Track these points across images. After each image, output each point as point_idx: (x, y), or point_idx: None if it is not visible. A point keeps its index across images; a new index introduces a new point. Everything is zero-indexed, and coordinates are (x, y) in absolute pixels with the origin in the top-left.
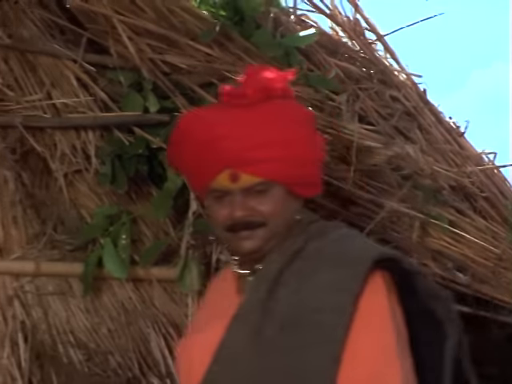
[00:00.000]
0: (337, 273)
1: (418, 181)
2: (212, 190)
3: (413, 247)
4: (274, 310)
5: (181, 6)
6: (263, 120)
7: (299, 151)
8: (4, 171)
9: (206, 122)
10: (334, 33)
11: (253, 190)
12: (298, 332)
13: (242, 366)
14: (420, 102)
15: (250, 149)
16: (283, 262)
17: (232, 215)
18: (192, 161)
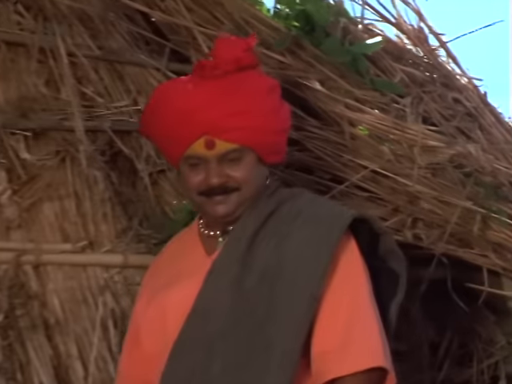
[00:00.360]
0: (315, 229)
1: (479, 178)
2: (187, 156)
3: (474, 240)
4: (252, 264)
5: (256, 18)
6: (236, 90)
7: (269, 120)
8: (94, 172)
9: (183, 93)
10: (399, 40)
11: (227, 157)
12: (278, 281)
13: (222, 315)
14: (481, 104)
15: (225, 117)
16: (258, 222)
17: (208, 182)
18: (168, 129)
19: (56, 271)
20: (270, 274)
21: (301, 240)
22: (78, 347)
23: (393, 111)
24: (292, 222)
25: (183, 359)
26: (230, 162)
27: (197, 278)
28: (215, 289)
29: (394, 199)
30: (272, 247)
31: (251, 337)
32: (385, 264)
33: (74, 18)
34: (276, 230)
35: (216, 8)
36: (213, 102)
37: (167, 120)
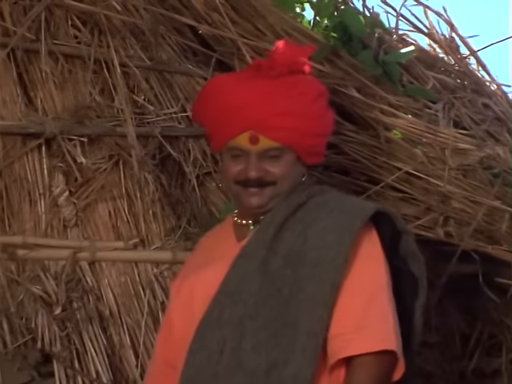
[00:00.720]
0: (338, 219)
1: (507, 178)
2: (231, 147)
3: (502, 237)
4: (277, 248)
5: (297, 29)
6: (286, 92)
7: (313, 124)
8: (145, 174)
9: (236, 87)
10: (431, 49)
11: (267, 154)
12: (301, 265)
13: (250, 297)
14: (509, 109)
15: (272, 116)
16: (288, 211)
17: (246, 174)
18: (217, 119)
19: (110, 267)
20: (294, 258)
21: (324, 227)
22: (131, 337)
23: (425, 116)
24: (318, 212)
25: (212, 336)
26: (270, 159)
27: (225, 262)
28: (243, 272)
29: (426, 199)
30: (297, 233)
31: (278, 317)
32: (405, 265)
33: (126, 31)
34: (303, 218)
35: (259, 20)
36: (263, 100)
37: (218, 110)
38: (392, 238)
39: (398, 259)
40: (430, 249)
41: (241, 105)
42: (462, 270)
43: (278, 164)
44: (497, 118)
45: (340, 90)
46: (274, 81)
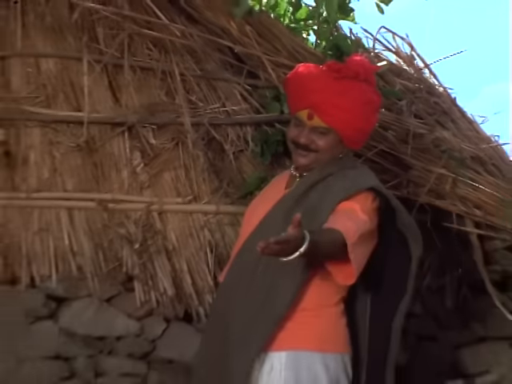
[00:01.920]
0: (346, 186)
1: (451, 153)
2: (295, 116)
3: (447, 194)
4: (302, 202)
5: (303, 48)
6: (345, 91)
7: (357, 121)
8: (197, 151)
9: (312, 76)
10: (397, 63)
11: (317, 129)
12: (313, 215)
13: (272, 232)
14: (452, 105)
15: (328, 104)
16: (320, 177)
17: (298, 139)
18: (294, 93)
19: (173, 216)
20: (310, 210)
21: (334, 189)
22: (188, 265)
23: (394, 110)
24: (339, 180)
25: (246, 257)
26: (319, 133)
27: (271, 203)
28: (275, 214)
29: (394, 169)
30: (319, 194)
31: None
32: (401, 235)
33: (184, 50)
34: (328, 183)
35: (276, 42)
36: (325, 92)
37: (295, 87)
38: (387, 213)
39: (394, 230)
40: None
41: (310, 89)
42: (418, 218)
43: (324, 139)
44: (443, 111)
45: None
46: (340, 80)
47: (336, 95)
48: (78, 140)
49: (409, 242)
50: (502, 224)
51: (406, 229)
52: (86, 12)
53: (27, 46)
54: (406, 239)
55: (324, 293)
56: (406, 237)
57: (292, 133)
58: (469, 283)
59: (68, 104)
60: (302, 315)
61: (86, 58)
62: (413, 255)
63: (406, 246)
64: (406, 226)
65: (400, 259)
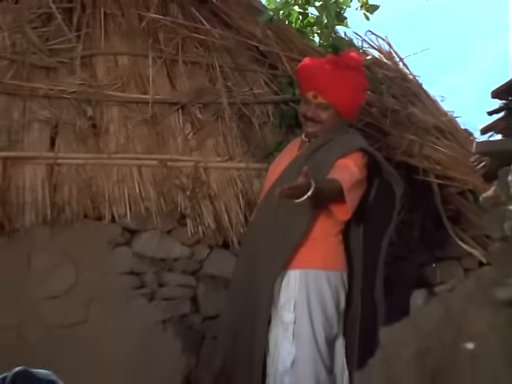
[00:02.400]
0: (343, 147)
1: (418, 124)
2: (304, 97)
3: (415, 154)
4: (310, 160)
5: (309, 47)
6: (341, 76)
7: (352, 98)
8: (232, 123)
9: (316, 66)
10: (380, 57)
11: (321, 106)
12: (318, 169)
13: (289, 181)
14: (419, 89)
15: (329, 86)
16: (323, 141)
17: (306, 113)
18: (302, 79)
19: (214, 171)
20: (317, 167)
21: (335, 150)
22: (225, 206)
23: (377, 92)
24: (339, 143)
25: (271, 200)
26: (322, 109)
27: (287, 161)
28: (290, 170)
29: (377, 135)
30: (323, 154)
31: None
32: (386, 181)
33: (222, 49)
34: (330, 146)
35: (290, 42)
36: (326, 77)
37: (304, 75)
38: (373, 166)
39: (382, 177)
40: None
41: (314, 76)
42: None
43: (326, 113)
44: (413, 93)
45: None
46: (338, 69)
47: (334, 80)
48: (145, 115)
49: (393, 185)
50: (454, 176)
51: (389, 176)
52: (151, 21)
53: (108, 47)
54: (390, 184)
55: (328, 226)
56: (390, 182)
57: (302, 109)
58: (431, 219)
59: (137, 89)
60: (312, 242)
61: (151, 55)
62: (396, 194)
63: (391, 189)
64: (389, 174)
65: (386, 198)
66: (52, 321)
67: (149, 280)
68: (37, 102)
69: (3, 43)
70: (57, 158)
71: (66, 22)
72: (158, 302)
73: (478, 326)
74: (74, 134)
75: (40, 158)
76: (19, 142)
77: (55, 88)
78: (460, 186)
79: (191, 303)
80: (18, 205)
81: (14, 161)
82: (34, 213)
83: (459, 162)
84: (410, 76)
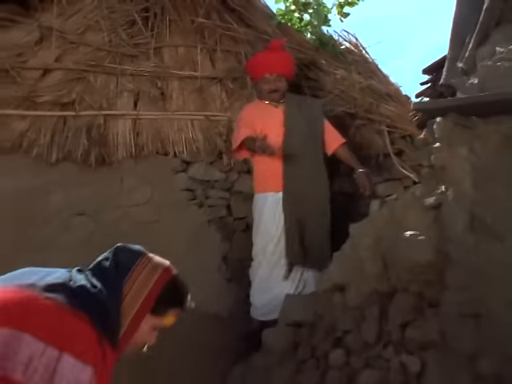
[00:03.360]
0: (315, 108)
1: (375, 91)
2: (263, 78)
3: (374, 111)
4: (303, 113)
5: (304, 40)
6: (281, 56)
7: (290, 67)
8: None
9: (265, 56)
10: (349, 47)
11: (278, 79)
12: (314, 120)
13: (300, 130)
14: (376, 68)
15: (279, 66)
16: (292, 99)
17: (271, 88)
18: (258, 68)
19: None
20: (313, 119)
21: (312, 106)
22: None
23: (347, 70)
24: (312, 106)
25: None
26: (278, 81)
27: (279, 115)
28: (292, 117)
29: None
30: (307, 107)
31: (312, 137)
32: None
33: (245, 42)
34: (305, 108)
35: (291, 37)
36: (274, 59)
37: (259, 64)
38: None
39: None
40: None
41: (267, 62)
42: (360, 123)
43: (281, 82)
44: (372, 71)
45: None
46: (276, 52)
47: (278, 60)
48: (195, 86)
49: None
50: (399, 125)
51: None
52: (199, 23)
53: (171, 41)
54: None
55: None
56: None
57: (265, 87)
58: (383, 154)
59: (190, 69)
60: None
61: (199, 46)
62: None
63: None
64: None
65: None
66: (136, 220)
67: (199, 194)
68: (125, 79)
69: (103, 40)
70: (138, 114)
71: (144, 25)
72: (204, 208)
73: (411, 223)
74: (149, 99)
75: (127, 115)
76: (114, 104)
77: (137, 69)
78: (402, 132)
79: (226, 209)
80: (113, 145)
81: (111, 116)
82: (124, 150)
83: (402, 116)
84: (370, 59)
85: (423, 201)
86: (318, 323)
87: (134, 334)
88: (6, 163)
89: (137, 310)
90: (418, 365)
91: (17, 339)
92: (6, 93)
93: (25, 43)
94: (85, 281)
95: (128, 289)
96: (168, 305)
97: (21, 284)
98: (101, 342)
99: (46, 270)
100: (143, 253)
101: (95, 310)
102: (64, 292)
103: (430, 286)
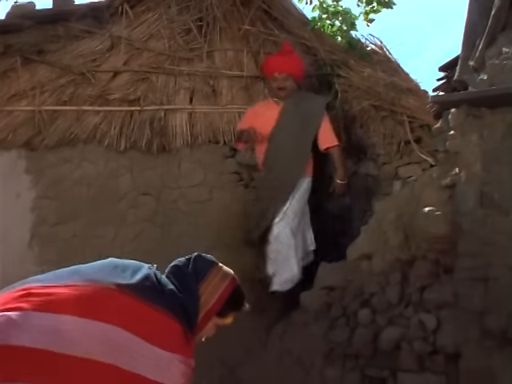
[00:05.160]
0: (315, 104)
1: (397, 87)
2: (273, 77)
3: (396, 102)
4: (300, 109)
5: (335, 44)
6: (290, 58)
7: (298, 69)
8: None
9: (275, 58)
10: (375, 48)
11: (285, 78)
12: (309, 116)
13: (293, 125)
14: (397, 66)
15: (288, 65)
16: (295, 97)
17: (278, 84)
18: (268, 68)
19: None
20: (307, 115)
21: (314, 106)
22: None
23: (373, 69)
24: (305, 97)
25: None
26: (285, 80)
27: (276, 111)
28: (286, 116)
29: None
30: (306, 103)
31: (301, 136)
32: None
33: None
34: (303, 99)
35: (324, 41)
36: (283, 62)
37: (269, 64)
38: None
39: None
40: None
41: (276, 62)
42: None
43: (288, 82)
44: (394, 69)
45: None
46: (286, 54)
47: (287, 61)
48: (242, 84)
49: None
50: (418, 116)
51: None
52: (245, 30)
53: (221, 46)
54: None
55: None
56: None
57: (274, 85)
58: (404, 141)
59: (237, 69)
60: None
61: (245, 50)
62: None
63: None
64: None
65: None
66: (192, 199)
67: (245, 176)
68: (182, 78)
69: (164, 46)
70: (193, 108)
71: (198, 33)
72: (250, 189)
73: (429, 200)
74: (203, 95)
75: (184, 109)
76: (173, 100)
77: (192, 69)
78: (421, 122)
79: None
80: (172, 135)
81: (170, 111)
82: (181, 139)
83: (420, 108)
84: (392, 59)
85: (439, 181)
86: (348, 287)
87: (202, 331)
88: (84, 152)
89: (207, 310)
90: (434, 322)
91: (135, 342)
92: (83, 92)
93: (98, 50)
94: (171, 285)
95: (202, 292)
96: (231, 308)
97: (117, 283)
98: (187, 337)
99: (129, 264)
100: (215, 262)
101: (181, 310)
102: (155, 294)
103: (445, 254)
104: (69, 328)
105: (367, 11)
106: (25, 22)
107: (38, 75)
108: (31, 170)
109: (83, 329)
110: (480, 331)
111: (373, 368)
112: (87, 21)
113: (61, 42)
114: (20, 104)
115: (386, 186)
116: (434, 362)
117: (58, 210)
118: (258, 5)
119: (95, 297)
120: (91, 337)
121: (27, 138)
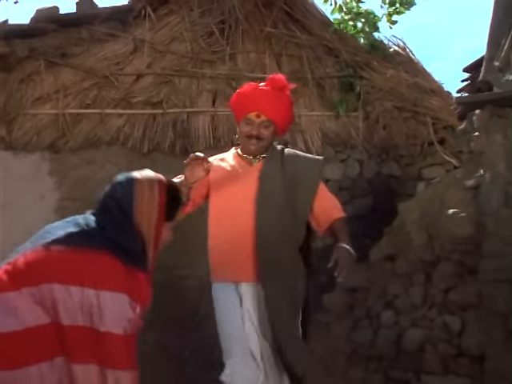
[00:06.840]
0: (307, 162)
1: (420, 87)
2: (246, 118)
3: (419, 103)
4: (284, 173)
5: (358, 45)
6: (276, 97)
7: (286, 116)
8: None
9: (257, 90)
10: (398, 49)
11: (263, 124)
12: (296, 184)
13: (277, 198)
14: (420, 67)
15: (270, 106)
16: (280, 155)
17: (251, 132)
18: (244, 103)
19: (303, 116)
20: (292, 179)
21: (303, 165)
22: (310, 136)
23: (396, 69)
24: (295, 157)
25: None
26: (265, 127)
27: (253, 177)
28: (268, 183)
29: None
30: (290, 167)
31: (288, 204)
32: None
33: (307, 46)
34: (290, 159)
35: (347, 42)
36: (269, 97)
37: (246, 97)
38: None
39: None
40: None
41: (257, 97)
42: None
43: (267, 130)
44: (417, 70)
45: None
46: (273, 91)
47: (274, 100)
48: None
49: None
50: (441, 117)
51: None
52: (267, 32)
53: (243, 48)
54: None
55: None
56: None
57: (246, 129)
58: (427, 142)
59: (260, 71)
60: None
61: (267, 52)
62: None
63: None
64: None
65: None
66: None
67: None
68: (205, 81)
69: (186, 49)
70: (216, 111)
71: (220, 35)
72: None
73: (453, 201)
74: (225, 97)
75: (207, 112)
76: (195, 102)
77: (215, 72)
78: (444, 123)
79: None
80: (195, 137)
81: (193, 113)
82: (204, 142)
83: (444, 109)
84: (415, 60)
85: (463, 182)
86: (371, 288)
87: (158, 245)
88: (107, 154)
89: (154, 229)
90: (458, 324)
91: (58, 291)
92: (106, 95)
93: (121, 53)
94: (94, 223)
95: (140, 217)
96: (175, 208)
97: (45, 243)
98: (128, 270)
99: (66, 223)
100: (134, 178)
101: (113, 244)
102: (82, 237)
103: (469, 255)
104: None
105: (390, 13)
106: (49, 25)
107: (61, 78)
108: (55, 171)
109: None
110: (505, 333)
111: (396, 370)
112: (110, 24)
113: (84, 46)
114: (44, 107)
115: (409, 187)
116: (458, 364)
117: (81, 211)
118: (280, 6)
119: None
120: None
121: (51, 140)
